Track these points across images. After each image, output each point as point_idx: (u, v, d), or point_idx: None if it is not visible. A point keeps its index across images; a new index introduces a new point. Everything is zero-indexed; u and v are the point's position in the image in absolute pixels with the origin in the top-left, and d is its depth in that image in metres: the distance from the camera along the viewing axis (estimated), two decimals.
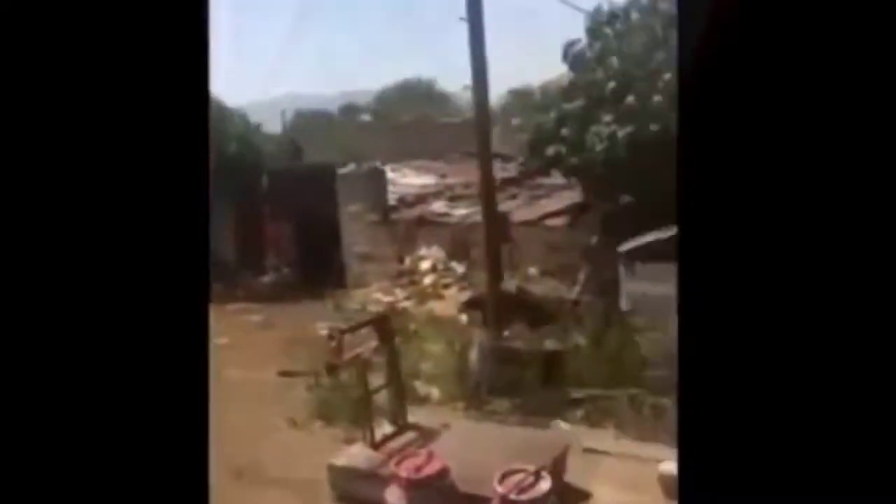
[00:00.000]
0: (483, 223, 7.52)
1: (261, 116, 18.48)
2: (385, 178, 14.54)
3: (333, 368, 5.65)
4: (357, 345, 5.91)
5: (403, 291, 12.80)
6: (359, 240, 13.96)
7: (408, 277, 13.16)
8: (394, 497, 4.78)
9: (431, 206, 14.24)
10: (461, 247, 13.18)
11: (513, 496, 4.47)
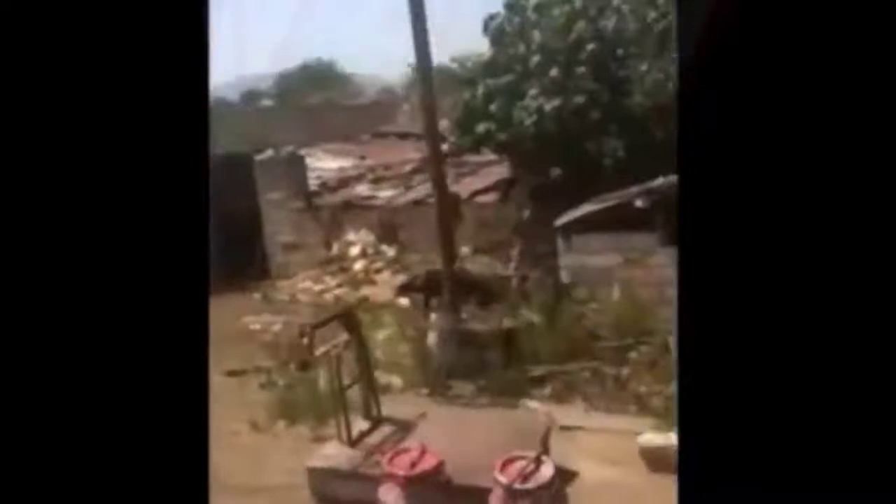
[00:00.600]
0: (436, 203, 7.28)
1: None
2: (304, 164, 14.06)
3: (306, 365, 5.38)
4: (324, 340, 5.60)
5: (334, 279, 12.47)
6: (282, 228, 13.49)
7: (337, 264, 12.82)
8: (390, 496, 4.55)
9: (355, 190, 13.88)
10: (389, 230, 12.93)
11: (517, 485, 4.30)
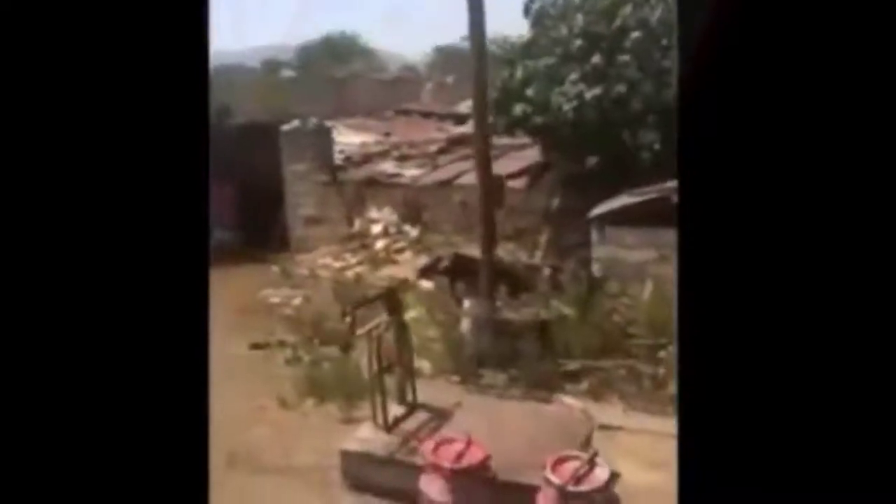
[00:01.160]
0: (479, 186, 7.02)
1: None
2: (331, 136, 13.78)
3: (348, 346, 5.17)
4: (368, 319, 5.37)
5: (354, 256, 12.22)
6: (305, 201, 13.21)
7: (358, 241, 12.57)
8: (433, 488, 4.33)
9: (380, 167, 13.59)
10: (413, 209, 12.66)
11: (571, 487, 4.07)
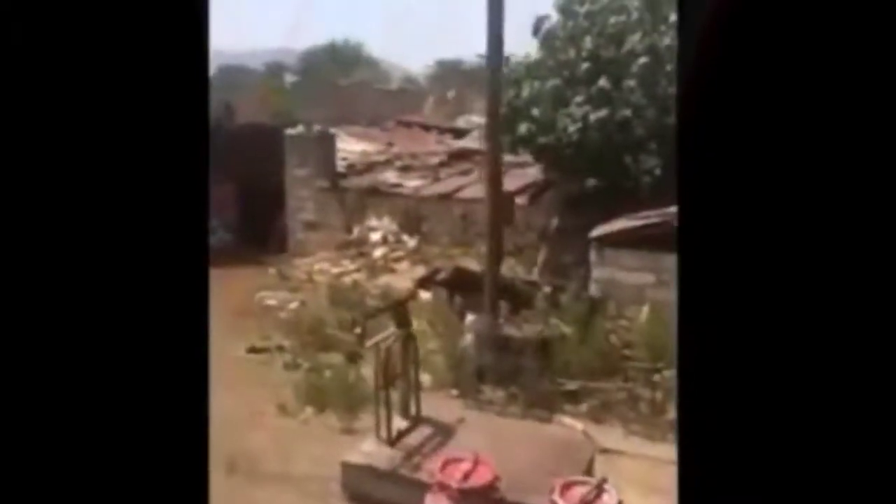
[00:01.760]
0: (488, 201, 7.04)
1: None
2: (335, 143, 13.79)
3: (355, 357, 5.15)
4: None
5: (352, 263, 12.21)
6: (306, 206, 13.22)
7: (356, 248, 12.57)
8: None
9: (382, 176, 13.61)
10: (413, 220, 12.69)
11: None
